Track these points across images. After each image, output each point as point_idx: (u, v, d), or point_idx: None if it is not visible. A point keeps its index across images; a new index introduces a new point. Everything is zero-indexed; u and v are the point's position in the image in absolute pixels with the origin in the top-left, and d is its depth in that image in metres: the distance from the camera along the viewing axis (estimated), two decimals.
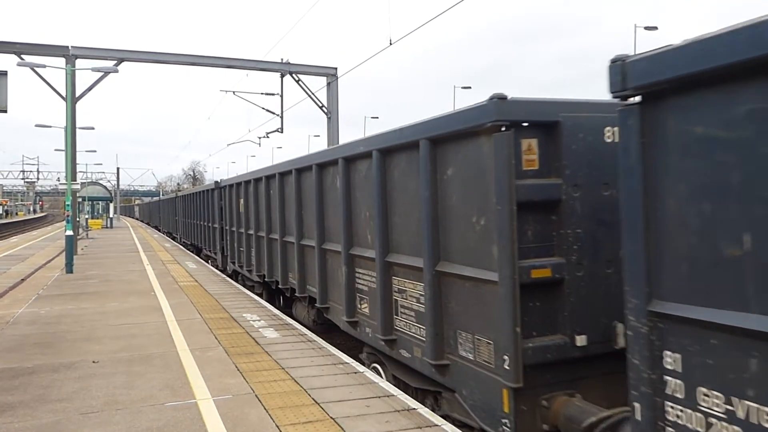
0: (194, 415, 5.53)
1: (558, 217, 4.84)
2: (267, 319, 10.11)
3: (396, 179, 6.48)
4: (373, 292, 7.03)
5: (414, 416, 5.44)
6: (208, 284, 14.63)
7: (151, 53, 26.36)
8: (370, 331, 7.19)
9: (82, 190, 40.34)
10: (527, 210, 4.72)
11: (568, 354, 4.80)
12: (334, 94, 28.80)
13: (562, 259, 4.80)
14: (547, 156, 4.83)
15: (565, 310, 4.82)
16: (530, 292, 4.73)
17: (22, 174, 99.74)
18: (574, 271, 4.82)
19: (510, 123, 4.66)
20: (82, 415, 5.56)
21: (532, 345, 4.72)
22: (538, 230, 4.84)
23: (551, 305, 4.85)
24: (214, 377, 6.68)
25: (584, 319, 4.84)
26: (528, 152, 4.79)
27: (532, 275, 4.70)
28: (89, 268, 18.53)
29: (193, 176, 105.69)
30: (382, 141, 6.67)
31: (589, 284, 4.86)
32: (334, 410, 5.59)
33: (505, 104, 4.68)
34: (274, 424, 5.26)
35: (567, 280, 4.80)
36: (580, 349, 4.81)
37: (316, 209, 8.76)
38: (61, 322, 9.96)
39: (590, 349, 4.85)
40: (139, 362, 7.39)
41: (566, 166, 4.80)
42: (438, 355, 5.64)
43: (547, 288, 4.82)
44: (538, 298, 4.81)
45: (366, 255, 7.18)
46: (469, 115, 5.04)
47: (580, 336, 4.81)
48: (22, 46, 23.67)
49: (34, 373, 6.98)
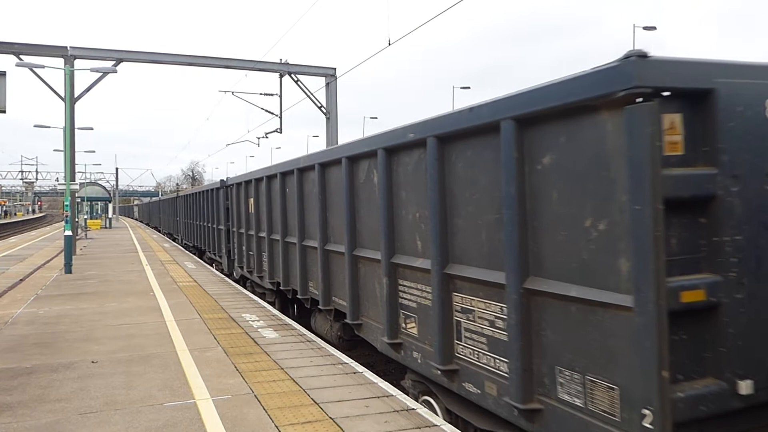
0: (193, 415, 5.52)
1: (710, 219, 3.72)
2: (266, 319, 10.11)
3: (459, 172, 5.25)
4: (424, 310, 5.91)
5: (413, 416, 5.44)
6: (207, 284, 14.62)
7: (149, 53, 26.34)
8: (420, 357, 6.04)
9: (81, 191, 40.35)
10: (669, 210, 3.53)
11: (728, 405, 3.67)
12: (333, 94, 28.79)
13: (718, 277, 3.67)
14: (695, 137, 3.71)
15: (723, 345, 3.68)
16: (677, 322, 3.55)
17: (20, 174, 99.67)
18: (732, 293, 3.69)
19: (652, 90, 3.47)
20: (81, 416, 5.56)
21: (682, 395, 3.54)
22: (683, 238, 3.69)
23: (703, 339, 3.72)
24: (213, 377, 6.68)
25: (748, 357, 3.72)
26: (671, 132, 3.64)
27: (681, 299, 3.56)
28: (88, 268, 18.52)
29: (192, 176, 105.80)
30: (439, 126, 5.47)
31: (752, 310, 3.74)
32: (333, 410, 5.58)
33: (649, 64, 3.47)
34: (273, 424, 5.26)
35: (724, 305, 3.68)
36: (744, 399, 3.69)
37: (346, 209, 7.59)
38: (59, 323, 9.95)
39: (757, 398, 3.73)
40: (138, 362, 7.39)
41: (723, 151, 3.67)
42: (526, 396, 4.42)
43: (697, 316, 3.68)
44: (686, 330, 3.66)
45: (415, 265, 6.02)
46: (587, 82, 3.75)
47: (744, 381, 3.68)
48: (21, 47, 23.63)
49: (32, 373, 6.98)
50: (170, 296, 12.70)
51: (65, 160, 20.23)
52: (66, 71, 20.13)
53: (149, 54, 26.32)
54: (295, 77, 28.08)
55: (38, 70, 21.47)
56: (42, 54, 23.48)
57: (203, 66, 27.51)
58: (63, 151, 20.77)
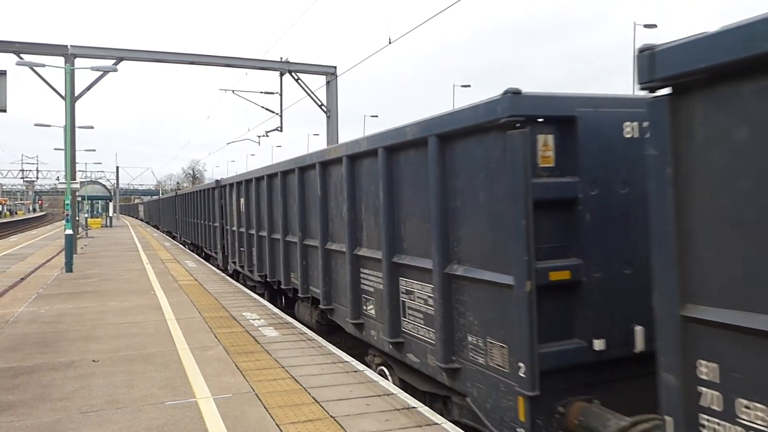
0: (194, 413, 5.53)
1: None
2: (267, 317, 10.12)
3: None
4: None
5: (414, 415, 5.45)
6: (207, 283, 14.63)
7: (150, 52, 26.34)
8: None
9: (82, 189, 40.31)
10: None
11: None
12: (333, 92, 28.78)
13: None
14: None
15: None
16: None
17: (21, 173, 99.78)
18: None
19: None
20: (82, 414, 5.57)
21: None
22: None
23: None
24: (214, 376, 6.69)
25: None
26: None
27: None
28: (89, 267, 18.53)
29: (192, 175, 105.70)
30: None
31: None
32: (333, 409, 5.59)
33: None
34: (274, 422, 5.27)
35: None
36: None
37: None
38: (60, 321, 9.96)
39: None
40: (139, 361, 7.40)
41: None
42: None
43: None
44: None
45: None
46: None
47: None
48: (21, 46, 23.65)
49: (34, 372, 6.99)
50: (171, 295, 12.71)
51: (66, 159, 20.22)
52: (66, 70, 20.12)
53: (150, 53, 26.33)
54: (295, 75, 28.08)
55: (39, 69, 21.47)
56: (42, 53, 23.49)
57: (204, 64, 27.54)
58: (63, 150, 20.76)
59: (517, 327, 4.56)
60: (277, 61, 27.78)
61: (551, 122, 4.64)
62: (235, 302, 11.76)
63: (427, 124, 5.73)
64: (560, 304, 4.69)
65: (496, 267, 4.88)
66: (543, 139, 4.61)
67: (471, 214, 5.23)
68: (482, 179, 5.02)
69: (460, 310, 5.44)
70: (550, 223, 4.66)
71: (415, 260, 6.18)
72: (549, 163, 4.63)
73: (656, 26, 31.44)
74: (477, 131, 5.03)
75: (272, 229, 11.69)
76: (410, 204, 6.26)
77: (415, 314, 6.19)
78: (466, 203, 5.30)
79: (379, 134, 6.87)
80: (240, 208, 14.65)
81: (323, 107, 28.74)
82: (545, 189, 4.57)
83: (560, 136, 4.66)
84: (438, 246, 5.60)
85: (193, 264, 19.43)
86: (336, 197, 8.26)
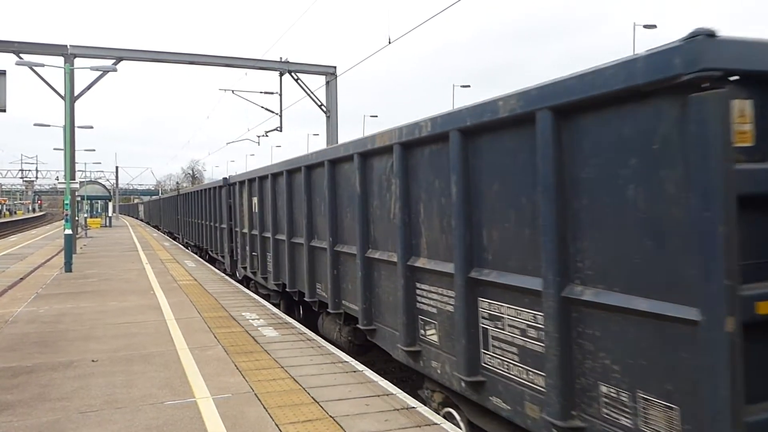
0: (193, 413, 5.53)
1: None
2: (266, 317, 10.12)
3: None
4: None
5: (413, 415, 5.45)
6: (207, 283, 14.63)
7: (149, 52, 26.33)
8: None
9: (81, 189, 40.32)
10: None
11: None
12: (333, 92, 28.78)
13: None
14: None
15: None
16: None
17: (20, 173, 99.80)
18: None
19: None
20: (82, 414, 5.56)
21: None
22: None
23: None
24: (214, 376, 6.68)
25: None
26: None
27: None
28: (88, 267, 18.53)
29: (192, 175, 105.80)
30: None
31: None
32: (333, 409, 5.59)
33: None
34: (274, 422, 5.27)
35: None
36: None
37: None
38: (60, 321, 9.96)
39: None
40: (138, 361, 7.40)
41: None
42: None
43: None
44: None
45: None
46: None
47: None
48: (21, 45, 23.63)
49: (33, 372, 6.98)
50: (170, 295, 12.70)
51: (65, 159, 20.23)
52: (66, 70, 20.12)
53: (149, 52, 26.32)
54: (295, 76, 28.08)
55: (38, 68, 21.47)
56: (42, 52, 23.48)
57: (203, 64, 27.53)
58: (63, 150, 20.76)
59: (707, 382, 3.13)
60: (276, 61, 27.78)
61: (751, 82, 3.22)
62: (234, 302, 11.76)
63: (535, 94, 4.23)
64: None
65: (659, 293, 3.43)
66: (738, 106, 3.18)
67: (608, 217, 3.78)
68: (633, 167, 3.56)
69: (586, 349, 4.02)
70: (755, 229, 3.25)
71: (505, 277, 4.81)
72: (747, 141, 3.23)
73: (656, 27, 31.47)
74: (626, 98, 3.57)
75: (293, 232, 10.34)
76: (499, 203, 4.86)
77: (505, 347, 4.86)
78: (601, 201, 3.86)
79: (448, 114, 5.43)
80: (252, 208, 13.29)
81: (323, 107, 28.74)
82: (747, 179, 3.16)
83: (763, 102, 3.29)
84: (551, 260, 4.17)
85: (193, 264, 19.42)
86: (381, 195, 6.89)
